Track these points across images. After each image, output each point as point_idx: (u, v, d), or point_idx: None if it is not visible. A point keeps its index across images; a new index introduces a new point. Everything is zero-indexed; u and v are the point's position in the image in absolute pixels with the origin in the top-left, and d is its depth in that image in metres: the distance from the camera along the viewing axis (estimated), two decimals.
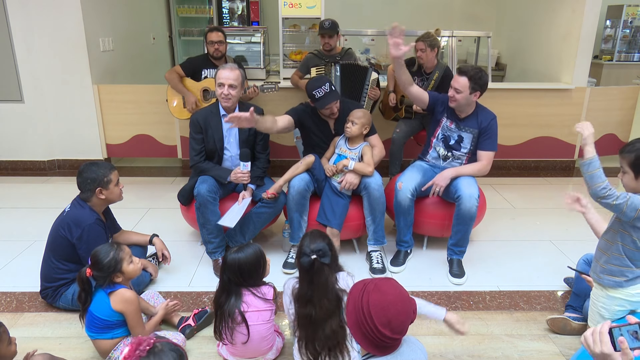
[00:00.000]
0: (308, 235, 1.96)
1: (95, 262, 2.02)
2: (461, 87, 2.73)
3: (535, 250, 3.17)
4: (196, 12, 6.81)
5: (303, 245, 1.91)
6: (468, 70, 2.73)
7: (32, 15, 4.26)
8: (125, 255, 2.08)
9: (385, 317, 1.37)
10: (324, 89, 2.82)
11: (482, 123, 2.86)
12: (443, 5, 6.71)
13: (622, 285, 1.95)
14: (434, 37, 3.51)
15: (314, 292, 1.84)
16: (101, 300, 2.04)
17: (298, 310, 1.89)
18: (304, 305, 1.86)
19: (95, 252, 2.04)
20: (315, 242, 1.89)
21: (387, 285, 1.44)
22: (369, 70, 3.57)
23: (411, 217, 2.92)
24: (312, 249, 1.86)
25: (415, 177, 2.90)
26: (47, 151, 4.67)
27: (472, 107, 2.88)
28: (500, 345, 2.27)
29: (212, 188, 2.78)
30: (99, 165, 2.41)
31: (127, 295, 2.04)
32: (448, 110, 2.94)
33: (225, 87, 2.83)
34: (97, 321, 2.04)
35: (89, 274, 2.03)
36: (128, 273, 2.08)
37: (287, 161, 3.83)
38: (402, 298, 1.42)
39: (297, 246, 1.98)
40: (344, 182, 2.84)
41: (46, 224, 2.50)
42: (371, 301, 1.39)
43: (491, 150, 2.89)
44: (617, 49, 6.45)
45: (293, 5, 4.22)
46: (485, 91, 2.78)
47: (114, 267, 2.03)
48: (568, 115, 4.57)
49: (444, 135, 2.96)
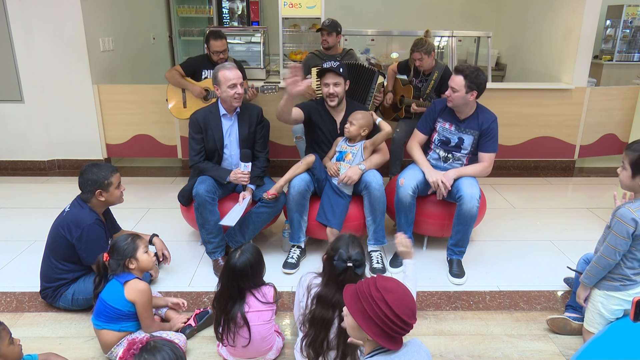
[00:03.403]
0: (347, 240, 1.91)
1: (112, 246, 2.14)
2: (457, 86, 2.74)
3: (535, 250, 3.17)
4: (196, 12, 6.81)
5: (340, 248, 1.87)
6: (464, 69, 2.74)
7: (32, 15, 4.25)
8: (141, 243, 2.18)
9: (409, 310, 1.40)
10: (333, 64, 2.89)
11: (483, 124, 2.86)
12: (443, 5, 6.70)
13: (619, 289, 2.02)
14: (428, 43, 3.50)
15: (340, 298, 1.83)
16: (115, 288, 2.09)
17: (316, 310, 1.86)
18: (325, 307, 1.84)
19: (115, 239, 2.18)
20: (355, 250, 1.87)
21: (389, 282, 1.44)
22: (375, 73, 3.53)
23: (412, 215, 2.92)
24: (349, 256, 1.83)
25: (417, 174, 2.90)
26: (47, 151, 4.67)
27: (472, 108, 2.88)
28: (500, 345, 2.27)
29: (210, 188, 2.78)
30: (100, 166, 2.41)
31: (140, 286, 2.11)
32: (445, 113, 2.94)
33: (238, 86, 2.85)
34: (109, 310, 2.07)
35: (106, 258, 2.11)
36: (142, 262, 2.16)
37: (287, 161, 3.84)
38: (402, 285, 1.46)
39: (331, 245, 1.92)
40: (342, 176, 2.83)
41: (46, 224, 2.50)
42: (391, 303, 1.38)
43: (492, 152, 2.89)
44: (617, 49, 6.45)
45: (293, 5, 4.22)
46: (483, 91, 2.78)
47: (130, 251, 2.12)
48: (568, 115, 4.57)
49: (441, 138, 2.96)
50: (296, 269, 2.91)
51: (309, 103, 3.06)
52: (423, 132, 3.04)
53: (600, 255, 2.00)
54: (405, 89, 3.78)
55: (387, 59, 5.82)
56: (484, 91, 2.79)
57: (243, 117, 3.00)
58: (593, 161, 4.94)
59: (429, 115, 3.03)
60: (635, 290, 2.00)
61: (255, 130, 3.02)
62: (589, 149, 4.74)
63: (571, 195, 4.28)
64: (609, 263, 1.98)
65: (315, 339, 1.85)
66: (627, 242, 1.93)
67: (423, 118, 3.07)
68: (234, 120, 2.99)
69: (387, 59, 5.84)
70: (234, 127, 2.99)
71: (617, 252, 1.95)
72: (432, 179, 2.84)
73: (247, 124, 2.99)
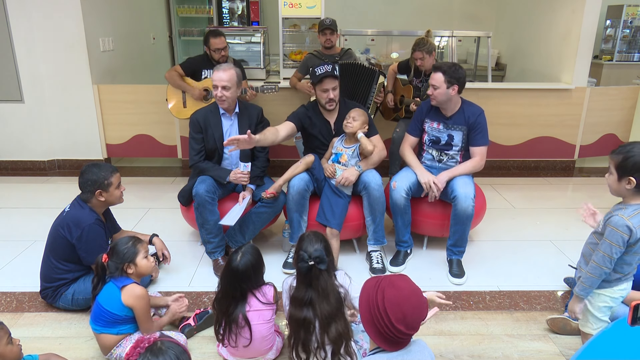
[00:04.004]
0: (305, 239, 1.95)
1: (112, 248, 2.12)
2: (437, 82, 2.77)
3: (535, 250, 3.17)
4: (196, 12, 6.81)
5: (300, 249, 1.91)
6: (442, 66, 2.79)
7: (32, 15, 4.25)
8: (142, 248, 2.16)
9: (400, 313, 1.37)
10: (326, 68, 2.83)
11: (469, 119, 2.87)
12: (443, 5, 6.70)
13: (603, 285, 2.02)
14: (430, 43, 3.50)
15: (312, 296, 1.85)
16: (112, 293, 2.07)
17: (291, 312, 1.89)
18: (298, 308, 1.87)
19: (116, 241, 2.16)
20: (313, 246, 1.89)
21: (402, 281, 1.45)
22: (376, 73, 3.51)
23: (408, 217, 2.92)
24: (309, 255, 1.86)
25: (409, 176, 2.91)
26: (47, 151, 4.67)
27: (457, 104, 2.89)
28: (500, 345, 2.27)
29: (210, 188, 2.78)
30: (101, 167, 2.41)
31: (137, 291, 2.09)
32: (431, 113, 2.95)
33: (218, 89, 2.83)
34: (106, 314, 2.06)
35: (105, 259, 2.10)
36: (141, 267, 2.14)
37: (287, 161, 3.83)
38: (416, 294, 1.43)
39: (296, 246, 1.97)
40: (339, 177, 2.83)
41: (46, 224, 2.50)
42: (386, 297, 1.39)
43: (483, 145, 2.89)
44: (617, 49, 6.45)
45: (293, 5, 4.22)
46: (463, 85, 2.80)
47: (130, 256, 2.10)
48: (568, 115, 4.57)
49: (432, 138, 2.97)
50: None
51: (299, 111, 3.01)
52: (413, 134, 3.05)
53: (595, 265, 1.97)
54: (405, 89, 3.78)
55: (387, 59, 5.82)
56: (465, 86, 2.82)
57: (243, 117, 3.00)
58: (593, 161, 4.94)
59: (416, 117, 3.04)
60: (619, 287, 2.01)
61: (256, 130, 3.01)
62: (589, 149, 4.74)
63: (571, 195, 4.28)
64: (604, 272, 1.97)
65: (297, 339, 1.87)
66: (621, 250, 1.91)
67: (412, 121, 3.08)
68: (234, 120, 2.99)
69: (387, 59, 5.84)
70: (233, 126, 2.99)
71: (612, 261, 1.94)
72: (423, 180, 2.85)
73: (247, 123, 2.99)
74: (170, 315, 2.30)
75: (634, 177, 1.86)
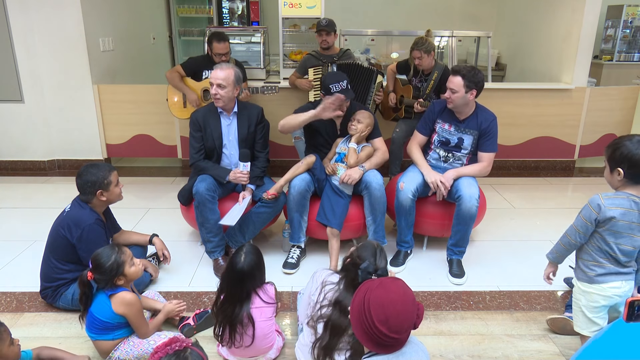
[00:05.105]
0: (375, 250, 1.90)
1: (96, 266, 2.01)
2: (456, 86, 2.73)
3: (535, 250, 3.17)
4: (196, 12, 6.81)
5: (367, 258, 1.86)
6: (461, 69, 2.74)
7: (32, 15, 4.25)
8: (126, 257, 2.07)
9: (383, 314, 1.36)
10: (341, 85, 2.82)
11: (482, 124, 2.86)
12: (443, 5, 6.70)
13: (593, 280, 2.02)
14: (429, 42, 3.50)
15: None
16: (102, 302, 2.05)
17: (333, 315, 1.84)
18: (343, 314, 1.82)
19: (97, 256, 2.02)
20: (382, 262, 1.87)
21: (394, 284, 1.43)
22: (374, 72, 3.51)
23: (412, 218, 2.92)
24: (376, 268, 1.83)
25: (416, 177, 2.90)
26: (47, 151, 4.67)
27: (472, 108, 2.88)
28: (500, 345, 2.27)
29: (210, 187, 2.78)
30: (98, 167, 2.40)
31: (127, 298, 2.04)
32: (444, 114, 2.94)
33: (214, 86, 2.83)
34: (98, 322, 2.04)
35: (90, 277, 2.02)
36: (130, 275, 2.08)
37: (287, 161, 3.84)
38: (404, 299, 1.40)
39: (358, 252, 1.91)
40: (343, 175, 2.83)
41: (46, 224, 2.50)
42: (372, 297, 1.39)
43: (492, 152, 2.89)
44: (617, 49, 6.45)
45: (293, 5, 4.22)
46: (481, 89, 2.78)
47: (116, 270, 2.02)
48: (568, 115, 4.57)
49: (441, 139, 2.96)
50: (296, 269, 2.91)
51: (307, 107, 3.03)
52: (423, 133, 3.04)
53: (564, 234, 2.11)
54: (404, 88, 3.78)
55: (387, 59, 5.82)
56: (483, 90, 2.79)
57: (242, 117, 2.99)
58: (593, 161, 4.94)
59: (428, 116, 3.03)
60: (610, 284, 2.00)
61: (255, 130, 3.02)
62: (589, 149, 4.74)
63: (571, 195, 4.28)
64: (569, 242, 2.07)
65: (328, 343, 1.82)
66: (588, 226, 1.99)
67: (422, 119, 3.06)
68: (232, 120, 2.99)
69: (387, 59, 5.83)
70: (232, 126, 2.99)
71: (577, 234, 2.03)
72: (430, 180, 2.84)
73: (247, 123, 2.98)
74: (166, 313, 2.27)
75: (621, 167, 1.94)
